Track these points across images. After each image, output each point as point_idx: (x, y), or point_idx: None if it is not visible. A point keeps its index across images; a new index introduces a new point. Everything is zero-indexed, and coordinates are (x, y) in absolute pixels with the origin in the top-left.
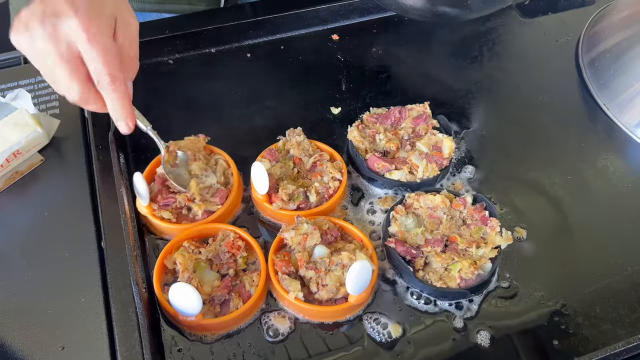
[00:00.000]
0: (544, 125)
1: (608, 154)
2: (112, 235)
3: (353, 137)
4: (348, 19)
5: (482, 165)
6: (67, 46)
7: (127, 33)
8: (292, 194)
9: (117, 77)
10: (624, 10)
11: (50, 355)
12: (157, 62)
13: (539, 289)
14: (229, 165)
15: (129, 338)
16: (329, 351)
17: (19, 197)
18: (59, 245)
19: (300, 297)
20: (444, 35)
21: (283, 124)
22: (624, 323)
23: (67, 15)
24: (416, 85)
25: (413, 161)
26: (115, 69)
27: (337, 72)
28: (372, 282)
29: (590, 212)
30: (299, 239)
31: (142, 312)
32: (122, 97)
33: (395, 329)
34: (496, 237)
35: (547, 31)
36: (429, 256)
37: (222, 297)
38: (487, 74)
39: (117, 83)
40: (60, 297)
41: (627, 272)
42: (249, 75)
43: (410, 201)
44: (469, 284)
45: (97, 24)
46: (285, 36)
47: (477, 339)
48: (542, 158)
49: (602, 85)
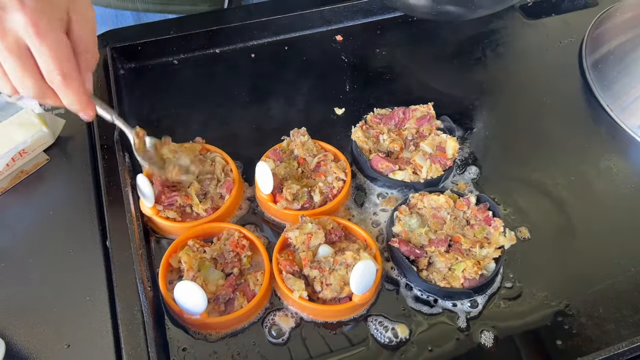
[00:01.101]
0: (547, 126)
1: (611, 155)
2: (118, 234)
3: (357, 137)
4: (352, 20)
5: (485, 166)
6: (15, 40)
7: (83, 24)
8: (296, 194)
9: (68, 74)
10: (627, 12)
11: (56, 353)
12: (162, 62)
13: (543, 289)
14: (227, 162)
15: (134, 336)
16: (333, 351)
17: (25, 196)
18: (64, 244)
19: (304, 296)
20: (448, 37)
21: (287, 125)
22: (627, 323)
23: (13, 9)
24: (420, 86)
25: (417, 161)
26: (66, 66)
27: (341, 72)
28: (376, 282)
29: (593, 213)
30: (303, 238)
31: (147, 311)
32: (77, 92)
33: (402, 329)
34: (500, 238)
35: (551, 32)
36: (432, 256)
37: (227, 296)
38: (490, 75)
39: (69, 79)
40: (65, 295)
41: (630, 273)
42: (253, 76)
43: (414, 201)
44: (473, 284)
45: (46, 18)
46: (289, 37)
47: (481, 339)
48: (546, 159)
49: (606, 86)
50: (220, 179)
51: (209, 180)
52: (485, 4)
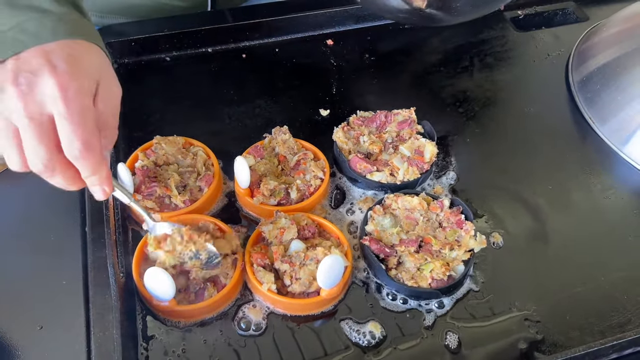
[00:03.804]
0: (529, 135)
1: (591, 166)
2: (96, 220)
3: (337, 137)
4: (343, 25)
5: (464, 172)
6: (39, 106)
7: (109, 100)
8: (274, 190)
9: (92, 143)
10: (614, 27)
11: (28, 335)
12: (154, 58)
13: (511, 294)
14: (209, 156)
15: (104, 320)
16: (300, 344)
17: (12, 182)
18: (46, 230)
19: (273, 289)
20: (437, 45)
21: (272, 123)
22: (593, 331)
23: (44, 73)
24: (406, 92)
25: (394, 163)
26: (90, 135)
27: (329, 75)
28: (344, 278)
29: (567, 222)
30: (276, 232)
31: (116, 295)
32: (97, 163)
33: (369, 326)
34: (470, 241)
35: (539, 45)
36: (402, 255)
37: (197, 285)
38: (476, 84)
39: (90, 149)
40: (42, 278)
41: (599, 282)
42: (242, 76)
43: (388, 202)
44: (440, 285)
45: (77, 85)
46: (280, 39)
47: (446, 340)
48: (525, 168)
49: (589, 99)
50: (201, 172)
51: (189, 173)
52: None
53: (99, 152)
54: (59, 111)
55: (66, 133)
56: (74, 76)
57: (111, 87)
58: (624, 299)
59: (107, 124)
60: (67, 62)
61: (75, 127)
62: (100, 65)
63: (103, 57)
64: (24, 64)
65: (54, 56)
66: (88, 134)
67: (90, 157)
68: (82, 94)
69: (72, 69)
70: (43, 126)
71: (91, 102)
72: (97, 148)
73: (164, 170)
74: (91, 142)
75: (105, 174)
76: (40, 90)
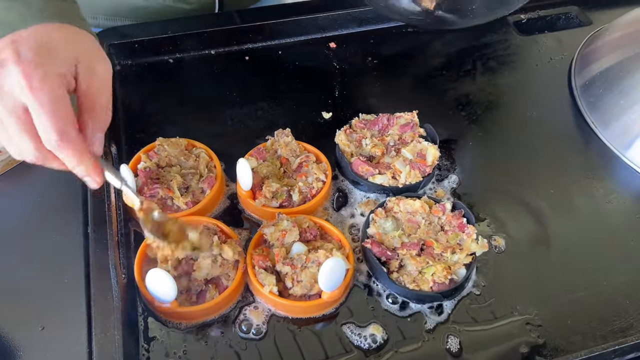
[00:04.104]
0: (531, 139)
1: (593, 171)
2: (98, 221)
3: (340, 140)
4: (346, 28)
5: (466, 175)
6: (11, 99)
7: (92, 80)
8: (276, 192)
9: (67, 132)
10: (617, 32)
11: (30, 335)
12: (158, 60)
13: (512, 298)
14: (212, 158)
15: (105, 320)
16: (301, 346)
17: (15, 182)
18: (49, 230)
19: (274, 291)
20: (440, 48)
21: (274, 126)
22: (594, 335)
23: (9, 63)
24: (408, 95)
25: (396, 167)
26: (63, 123)
27: (331, 78)
28: (346, 281)
29: (569, 226)
30: (277, 235)
31: (118, 296)
32: (77, 153)
33: (370, 329)
34: (472, 244)
35: (542, 49)
36: (404, 259)
37: (199, 287)
38: (479, 87)
39: (66, 140)
40: (44, 278)
41: (601, 286)
42: (245, 78)
43: (390, 205)
44: (442, 288)
45: (42, 72)
46: (283, 42)
47: (447, 344)
48: (527, 171)
49: (592, 103)
50: (203, 174)
51: (192, 175)
52: (482, 13)
53: (78, 141)
54: (28, 101)
55: (40, 124)
56: (39, 63)
57: (93, 66)
58: (626, 303)
59: (93, 106)
60: (33, 49)
61: (46, 116)
62: (77, 46)
63: (82, 37)
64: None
65: (21, 45)
66: (62, 124)
67: (69, 147)
68: (49, 81)
69: (38, 57)
70: (21, 118)
71: (61, 88)
72: (75, 137)
73: (166, 172)
74: (67, 131)
75: (91, 163)
76: (9, 82)
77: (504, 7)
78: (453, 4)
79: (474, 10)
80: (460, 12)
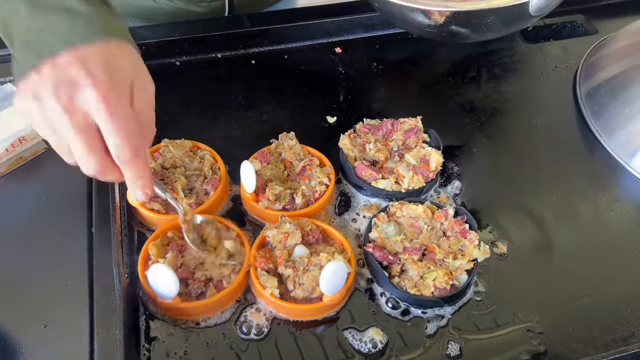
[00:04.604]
0: (535, 147)
1: (597, 179)
2: (102, 221)
3: (344, 144)
4: (352, 33)
5: (470, 181)
6: (83, 117)
7: (144, 97)
8: (279, 195)
9: (139, 149)
10: (623, 41)
11: (31, 333)
12: (164, 63)
13: (514, 305)
14: (216, 160)
15: (107, 319)
16: (302, 349)
17: (21, 181)
18: (53, 229)
19: (276, 293)
20: (445, 55)
21: (279, 129)
22: (596, 344)
23: (84, 84)
24: (413, 101)
25: (400, 171)
26: (136, 142)
27: (336, 83)
28: (347, 285)
29: (572, 234)
30: (280, 237)
31: (120, 295)
32: (143, 167)
33: (370, 333)
34: (474, 250)
35: (548, 57)
36: (405, 263)
37: (199, 289)
38: (483, 94)
39: (138, 156)
40: (48, 277)
41: (603, 295)
42: (251, 81)
43: (393, 209)
44: (443, 294)
45: (117, 93)
46: (289, 46)
47: (447, 349)
48: (531, 179)
49: (596, 112)
50: (207, 176)
51: (196, 176)
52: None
53: (145, 157)
54: (105, 122)
55: (114, 143)
56: (112, 84)
57: (145, 85)
58: (627, 312)
59: (145, 121)
60: (104, 69)
61: (122, 135)
62: (133, 64)
63: (135, 54)
64: (61, 72)
65: (92, 64)
66: (135, 140)
67: (139, 162)
68: (122, 102)
69: (110, 77)
70: (91, 136)
71: (130, 107)
72: (144, 153)
73: (171, 173)
74: (139, 148)
75: (149, 176)
76: (83, 102)
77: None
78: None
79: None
80: (474, 27)
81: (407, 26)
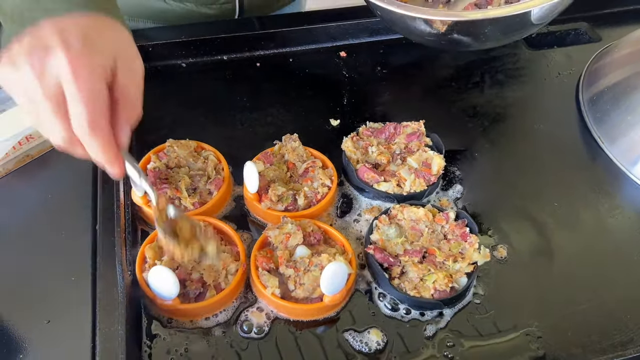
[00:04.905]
0: (538, 153)
1: (599, 186)
2: (106, 219)
3: (346, 147)
4: (357, 38)
5: (471, 186)
6: (53, 84)
7: (127, 74)
8: (282, 196)
9: (99, 123)
10: (626, 48)
11: (35, 328)
12: (170, 64)
13: (513, 309)
14: (220, 160)
15: (110, 315)
16: (302, 349)
17: (27, 178)
18: (58, 226)
19: (276, 293)
20: (449, 61)
21: (283, 131)
22: (595, 349)
23: (57, 51)
24: (416, 105)
25: (402, 175)
26: (98, 115)
27: (340, 87)
28: (347, 286)
29: (573, 239)
30: (282, 237)
31: (123, 292)
32: (103, 144)
33: (370, 334)
34: (474, 254)
35: (551, 64)
36: (406, 265)
37: (197, 290)
38: (486, 100)
39: (96, 130)
40: (52, 274)
41: (603, 300)
42: (255, 83)
43: (394, 212)
44: (442, 296)
45: (88, 63)
46: (294, 50)
47: (446, 351)
48: (532, 184)
49: (599, 119)
50: (211, 176)
51: (199, 176)
52: (496, 37)
53: (106, 132)
54: (70, 91)
55: (75, 113)
56: (87, 56)
57: (130, 62)
58: (627, 318)
59: (127, 100)
60: (81, 40)
61: (83, 106)
62: (117, 41)
63: (121, 32)
64: (38, 40)
65: (68, 33)
66: (96, 115)
67: (98, 138)
68: (94, 74)
69: (86, 48)
70: (57, 102)
71: (102, 81)
72: (104, 127)
73: (175, 172)
74: (99, 123)
75: (114, 153)
76: (53, 69)
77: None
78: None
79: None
80: (476, 36)
81: (409, 34)
